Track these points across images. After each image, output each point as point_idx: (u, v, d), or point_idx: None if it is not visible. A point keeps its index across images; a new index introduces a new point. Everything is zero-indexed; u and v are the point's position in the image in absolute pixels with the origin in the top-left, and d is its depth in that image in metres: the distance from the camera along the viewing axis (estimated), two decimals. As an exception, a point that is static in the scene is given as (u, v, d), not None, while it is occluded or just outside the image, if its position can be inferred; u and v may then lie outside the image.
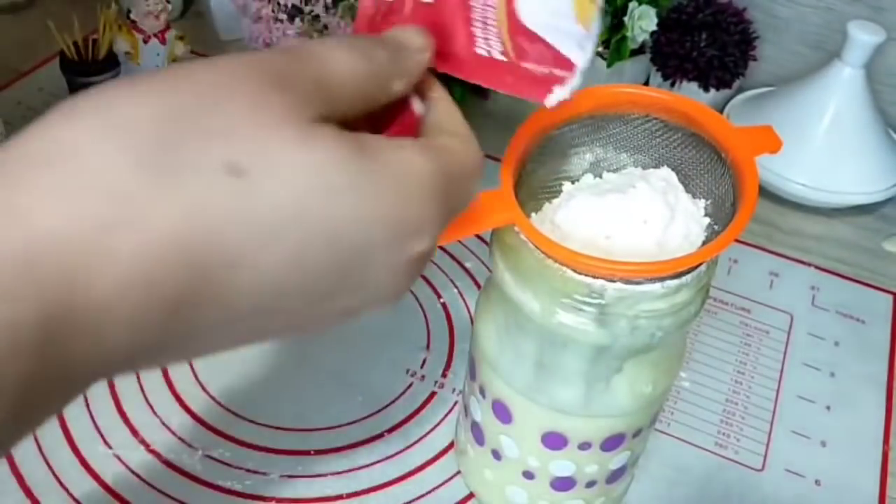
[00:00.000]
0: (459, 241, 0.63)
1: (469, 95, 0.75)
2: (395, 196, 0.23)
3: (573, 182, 0.40)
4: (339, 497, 0.48)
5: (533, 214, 0.38)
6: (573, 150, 0.39)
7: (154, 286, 0.19)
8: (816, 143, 0.69)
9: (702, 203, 0.38)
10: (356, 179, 0.22)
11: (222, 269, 0.20)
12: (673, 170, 0.39)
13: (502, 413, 0.41)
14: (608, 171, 0.40)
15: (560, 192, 0.39)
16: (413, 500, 0.48)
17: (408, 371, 0.55)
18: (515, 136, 0.36)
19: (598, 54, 0.77)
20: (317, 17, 0.75)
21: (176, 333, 0.21)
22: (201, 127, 0.20)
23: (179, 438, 0.49)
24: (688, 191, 0.38)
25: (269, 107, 0.21)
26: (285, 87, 0.22)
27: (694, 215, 0.37)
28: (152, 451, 0.48)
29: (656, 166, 0.39)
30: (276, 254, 0.21)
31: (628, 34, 0.73)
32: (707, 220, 0.37)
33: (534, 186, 0.39)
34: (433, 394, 0.54)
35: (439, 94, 0.28)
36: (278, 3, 0.75)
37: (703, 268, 0.35)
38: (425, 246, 0.24)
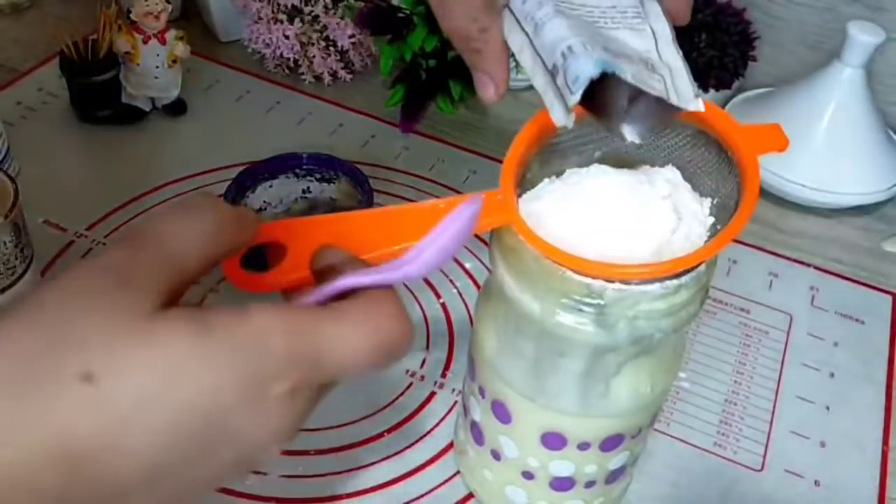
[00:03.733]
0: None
1: (468, 95, 0.75)
2: (238, 359, 0.25)
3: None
4: (339, 497, 0.48)
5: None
6: (578, 149, 0.39)
7: (34, 486, 0.23)
8: (816, 144, 0.69)
9: (707, 202, 0.38)
10: (197, 356, 0.25)
11: (91, 461, 0.23)
12: (678, 168, 0.38)
13: (502, 413, 0.41)
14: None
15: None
16: (413, 500, 0.48)
17: (408, 371, 0.55)
18: (518, 136, 0.36)
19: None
20: (316, 17, 0.75)
21: None
22: (56, 346, 0.24)
23: (179, 438, 0.49)
24: (693, 189, 0.38)
25: (113, 309, 0.24)
26: (128, 283, 0.25)
27: (697, 215, 0.37)
28: (152, 451, 0.48)
29: (662, 165, 0.39)
30: (134, 437, 0.24)
31: (628, 34, 0.73)
32: (711, 220, 0.37)
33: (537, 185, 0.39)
34: (433, 394, 0.54)
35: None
36: (278, 4, 0.75)
37: (702, 268, 0.35)
38: (284, 385, 0.26)
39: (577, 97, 0.32)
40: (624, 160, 0.39)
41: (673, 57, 0.35)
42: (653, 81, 0.34)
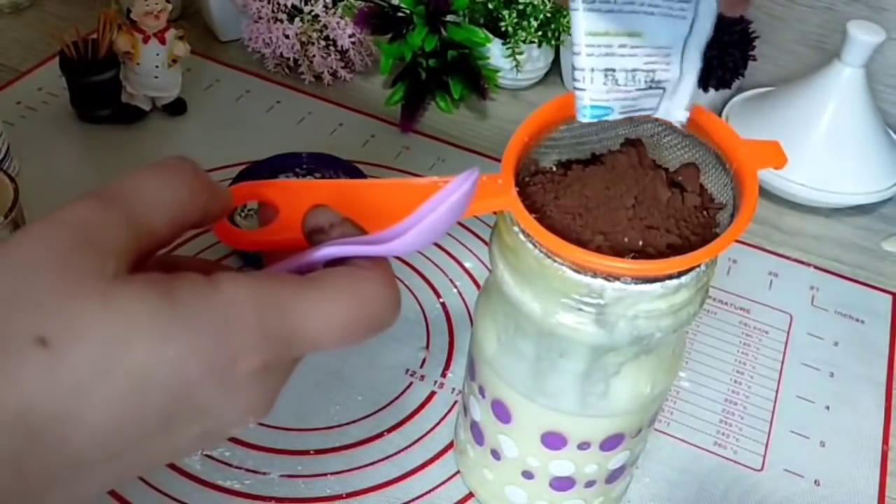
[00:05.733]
0: (459, 241, 0.64)
1: (468, 94, 0.75)
2: (203, 331, 0.24)
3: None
4: (339, 497, 0.48)
5: None
6: (579, 147, 0.39)
7: None
8: (816, 143, 0.69)
9: None
10: (159, 325, 0.23)
11: (47, 427, 0.22)
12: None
13: (502, 413, 0.41)
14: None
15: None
16: (413, 500, 0.48)
17: (408, 371, 0.55)
18: (523, 123, 0.36)
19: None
20: (317, 17, 0.75)
21: (34, 485, 0.23)
22: (12, 306, 0.22)
23: (179, 438, 0.49)
24: None
25: (72, 270, 0.23)
26: (90, 243, 0.24)
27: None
28: (152, 451, 0.48)
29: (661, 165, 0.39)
30: (92, 406, 0.23)
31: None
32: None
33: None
34: (433, 394, 0.54)
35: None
36: (278, 3, 0.75)
37: (702, 268, 0.35)
38: (255, 363, 0.25)
39: (581, 120, 0.34)
40: (621, 158, 0.39)
41: (691, 62, 0.35)
42: (645, 101, 0.35)
